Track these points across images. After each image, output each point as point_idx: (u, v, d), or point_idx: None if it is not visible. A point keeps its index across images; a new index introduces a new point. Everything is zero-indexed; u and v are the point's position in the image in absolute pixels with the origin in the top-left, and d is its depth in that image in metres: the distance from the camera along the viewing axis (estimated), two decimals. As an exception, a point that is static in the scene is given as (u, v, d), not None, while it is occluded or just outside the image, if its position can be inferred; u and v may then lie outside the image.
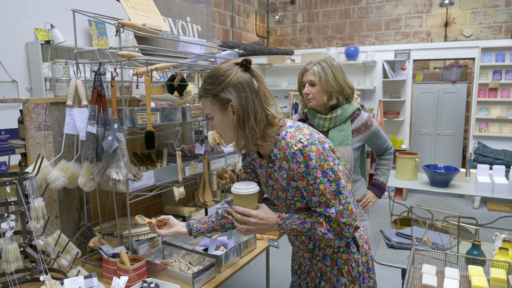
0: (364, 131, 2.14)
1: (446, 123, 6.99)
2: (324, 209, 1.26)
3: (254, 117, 1.25)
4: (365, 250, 1.46)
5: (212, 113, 1.32)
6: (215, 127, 1.34)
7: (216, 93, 1.26)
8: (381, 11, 7.21)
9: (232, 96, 1.25)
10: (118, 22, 1.65)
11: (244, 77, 1.26)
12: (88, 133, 1.68)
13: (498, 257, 1.91)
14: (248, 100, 1.25)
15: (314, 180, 1.23)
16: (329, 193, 1.24)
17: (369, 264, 1.48)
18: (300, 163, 1.23)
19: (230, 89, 1.25)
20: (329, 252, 1.41)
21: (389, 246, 2.31)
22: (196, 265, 1.81)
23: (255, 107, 1.26)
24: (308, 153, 1.21)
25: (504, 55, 5.73)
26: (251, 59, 1.29)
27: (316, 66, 2.04)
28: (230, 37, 6.85)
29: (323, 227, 1.27)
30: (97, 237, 1.77)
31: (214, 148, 2.44)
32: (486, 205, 5.69)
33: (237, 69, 1.27)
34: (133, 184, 1.74)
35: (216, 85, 1.26)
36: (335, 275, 1.42)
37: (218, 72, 1.27)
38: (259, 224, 1.32)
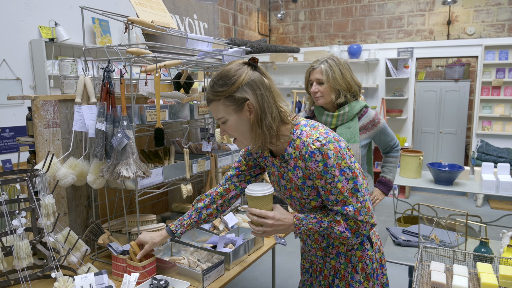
0: (372, 128, 2.15)
1: (448, 121, 6.98)
2: (341, 207, 1.25)
3: (271, 114, 1.24)
4: (378, 247, 1.47)
5: (225, 116, 1.27)
6: (229, 131, 1.30)
7: (231, 94, 1.23)
8: (384, 9, 7.20)
9: (248, 94, 1.23)
10: (128, 19, 1.64)
11: (255, 75, 1.25)
12: (97, 130, 1.68)
13: (506, 254, 1.91)
14: (264, 97, 1.24)
15: (332, 179, 1.22)
16: (347, 191, 1.23)
17: (382, 260, 1.48)
18: (318, 162, 1.22)
19: (245, 88, 1.23)
20: (343, 249, 1.40)
21: (396, 243, 2.31)
22: (205, 262, 1.80)
23: (270, 104, 1.25)
24: (327, 152, 1.20)
25: (507, 53, 5.72)
26: (257, 58, 1.28)
27: (323, 64, 2.03)
28: (233, 35, 6.84)
29: (340, 226, 1.26)
30: (106, 234, 1.77)
31: (221, 146, 2.44)
32: (489, 203, 5.69)
33: (246, 68, 1.25)
34: (141, 181, 1.74)
35: (230, 85, 1.23)
36: (350, 273, 1.41)
37: (229, 73, 1.24)
38: (275, 225, 1.30)
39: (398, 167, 2.35)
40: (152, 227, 1.83)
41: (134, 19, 1.65)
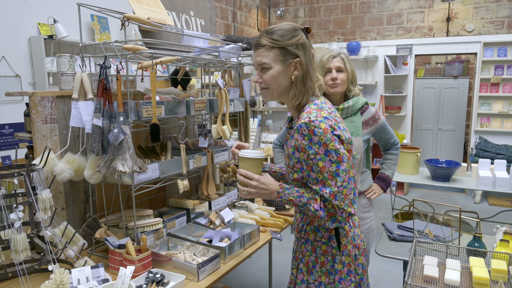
0: (373, 124, 2.22)
1: (447, 118, 7.00)
2: (319, 188, 1.30)
3: (311, 79, 1.36)
4: (348, 251, 1.43)
5: (271, 63, 1.35)
6: (267, 79, 1.36)
7: (285, 46, 1.32)
8: (383, 6, 7.20)
9: (300, 53, 1.33)
10: (124, 16, 1.66)
11: (307, 41, 1.36)
12: (94, 126, 1.70)
13: (499, 249, 1.93)
14: (310, 61, 1.35)
15: (315, 156, 1.28)
16: (327, 173, 1.28)
17: (351, 266, 1.44)
18: (304, 136, 1.29)
19: (299, 46, 1.33)
20: (311, 237, 1.45)
21: (390, 238, 2.33)
22: (201, 257, 1.83)
23: (313, 69, 1.37)
24: (313, 128, 1.27)
25: (506, 50, 5.73)
26: (310, 28, 1.38)
27: (341, 55, 2.14)
28: (232, 32, 6.85)
29: (316, 204, 1.30)
30: (103, 229, 1.80)
31: (218, 142, 2.46)
32: (487, 200, 5.71)
33: (301, 32, 1.35)
34: (138, 176, 1.76)
35: (288, 39, 1.32)
36: (312, 261, 1.46)
37: (288, 28, 1.34)
38: (259, 188, 1.38)
39: (397, 164, 2.37)
40: (149, 222, 1.86)
41: (130, 16, 1.67)
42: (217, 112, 2.21)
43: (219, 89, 2.11)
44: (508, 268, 1.71)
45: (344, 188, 1.29)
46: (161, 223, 1.91)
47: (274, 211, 2.52)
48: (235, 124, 2.58)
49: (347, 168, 1.30)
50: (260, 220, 2.32)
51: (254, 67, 1.41)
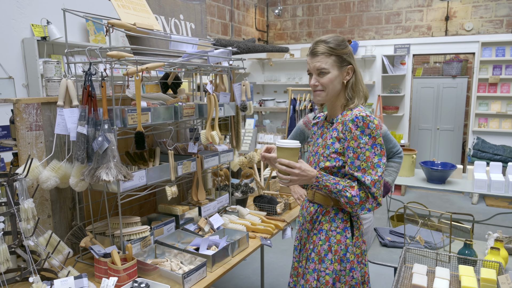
0: None
1: (446, 118, 6.96)
2: (361, 175, 1.47)
3: (361, 83, 1.57)
4: (359, 243, 1.59)
5: (329, 69, 1.53)
6: (325, 82, 1.54)
7: (341, 54, 1.52)
8: (382, 4, 7.15)
9: (352, 60, 1.55)
10: (108, 22, 1.64)
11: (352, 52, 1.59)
12: (79, 133, 1.68)
13: (489, 257, 1.91)
14: (357, 69, 1.57)
15: (364, 145, 1.46)
16: (371, 163, 1.46)
17: (360, 258, 1.59)
18: (358, 127, 1.47)
19: (350, 55, 1.55)
20: (326, 227, 1.59)
21: (382, 244, 2.32)
22: (188, 265, 1.81)
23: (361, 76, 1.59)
24: (368, 122, 1.46)
25: (504, 49, 5.69)
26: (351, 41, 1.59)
27: None
28: (229, 32, 6.82)
29: (354, 190, 1.47)
30: (88, 237, 1.78)
31: (208, 147, 2.44)
32: (484, 201, 5.68)
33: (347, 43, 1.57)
34: (124, 184, 1.74)
35: (343, 48, 1.53)
36: (325, 250, 1.58)
37: (341, 39, 1.55)
38: (301, 175, 1.49)
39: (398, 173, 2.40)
40: (135, 230, 1.84)
41: (114, 23, 1.64)
42: (206, 117, 2.19)
43: (208, 94, 2.09)
44: (497, 278, 1.70)
45: (382, 179, 1.47)
46: (148, 231, 1.89)
47: (265, 216, 2.50)
48: (226, 129, 2.56)
49: (385, 163, 1.49)
50: (251, 225, 2.31)
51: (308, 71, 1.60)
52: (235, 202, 2.64)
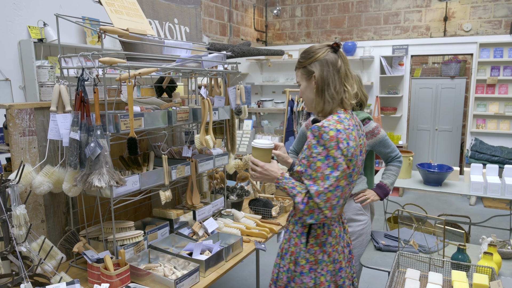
0: (370, 138, 2.31)
1: (444, 118, 6.96)
2: (309, 184, 1.48)
3: (334, 89, 1.53)
4: (313, 251, 1.59)
5: (300, 81, 1.62)
6: (300, 93, 1.64)
7: (306, 66, 1.56)
8: (380, 5, 7.15)
9: (316, 69, 1.53)
10: (100, 28, 1.64)
11: (330, 56, 1.53)
12: (71, 139, 1.69)
13: (482, 262, 1.91)
14: (329, 74, 1.52)
15: (317, 155, 1.46)
16: (321, 173, 1.45)
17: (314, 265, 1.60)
18: (314, 136, 1.47)
19: (316, 64, 1.53)
20: (290, 228, 1.67)
21: (376, 248, 2.32)
22: (181, 270, 1.82)
23: (334, 81, 1.53)
24: (322, 133, 1.45)
25: (502, 50, 5.68)
26: (341, 43, 1.55)
27: None
28: (228, 32, 6.81)
29: (300, 197, 1.50)
30: (81, 242, 1.78)
31: (203, 150, 2.44)
32: (482, 202, 5.69)
33: (326, 49, 1.55)
34: (117, 189, 1.75)
35: (307, 59, 1.56)
36: (285, 249, 1.67)
37: (311, 50, 1.57)
38: (263, 174, 1.62)
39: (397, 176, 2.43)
40: (129, 235, 1.84)
41: (106, 28, 1.64)
42: (201, 121, 2.19)
43: (202, 98, 2.09)
44: (489, 284, 1.70)
45: (329, 192, 1.45)
46: (141, 236, 1.89)
47: (260, 220, 2.50)
48: (222, 132, 2.56)
49: (339, 177, 1.45)
50: (245, 229, 2.31)
51: None
52: (230, 205, 2.64)
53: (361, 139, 1.59)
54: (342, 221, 1.70)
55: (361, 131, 1.63)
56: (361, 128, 1.62)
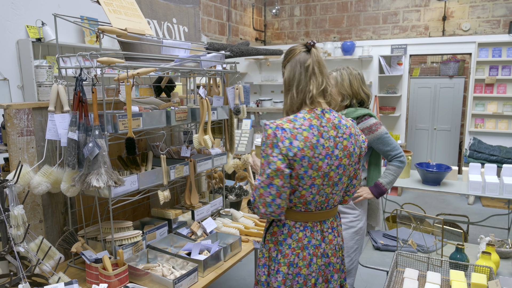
0: (368, 134, 2.29)
1: (442, 118, 6.97)
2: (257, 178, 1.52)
3: (297, 87, 1.52)
4: (268, 247, 1.61)
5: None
6: None
7: (283, 66, 1.60)
8: (379, 4, 7.15)
9: (286, 69, 1.56)
10: (98, 28, 1.64)
11: (301, 56, 1.52)
12: (69, 139, 1.68)
13: (480, 261, 1.92)
14: (297, 73, 1.52)
15: (261, 152, 1.49)
16: (262, 169, 1.48)
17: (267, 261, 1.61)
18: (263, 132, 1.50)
19: (287, 65, 1.56)
20: None
21: (375, 248, 2.32)
22: (180, 270, 1.82)
23: (300, 79, 1.51)
24: (264, 131, 1.48)
25: (500, 50, 5.69)
26: (315, 42, 1.55)
27: (335, 72, 2.37)
28: (227, 31, 6.81)
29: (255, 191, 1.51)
30: (79, 242, 1.78)
31: (201, 150, 2.44)
32: (481, 201, 5.70)
33: (300, 49, 1.54)
34: (116, 189, 1.74)
35: (284, 59, 1.59)
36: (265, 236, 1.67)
37: (288, 51, 1.59)
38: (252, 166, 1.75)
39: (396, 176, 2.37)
40: (127, 235, 1.84)
41: (105, 28, 1.64)
42: (199, 121, 2.19)
43: (200, 98, 2.09)
44: (488, 283, 1.70)
45: (261, 188, 1.46)
46: (139, 236, 1.89)
47: (258, 219, 2.50)
48: (220, 132, 2.56)
49: (271, 175, 1.43)
50: (244, 229, 2.31)
51: None
52: (229, 205, 2.64)
53: (337, 140, 1.50)
54: (323, 231, 1.58)
55: (341, 132, 1.52)
56: (340, 130, 1.51)
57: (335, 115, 1.55)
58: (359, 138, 1.60)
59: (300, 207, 1.53)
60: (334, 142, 1.49)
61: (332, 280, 1.61)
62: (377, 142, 2.31)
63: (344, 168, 1.54)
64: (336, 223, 1.65)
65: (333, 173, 1.50)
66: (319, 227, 1.57)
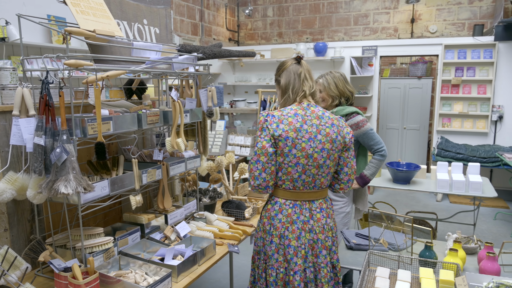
0: (355, 129, 2.61)
1: (412, 117, 7.17)
2: None
3: (292, 90, 1.85)
4: (263, 222, 1.88)
5: (277, 91, 1.98)
6: (278, 100, 1.96)
7: (276, 77, 1.95)
8: (350, 6, 7.28)
9: (281, 78, 1.90)
10: (65, 30, 1.59)
11: (293, 67, 1.88)
12: (36, 144, 1.62)
13: (448, 258, 1.98)
14: (293, 79, 1.86)
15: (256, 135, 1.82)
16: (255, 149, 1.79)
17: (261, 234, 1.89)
18: None
19: (282, 74, 1.89)
20: None
21: (347, 247, 2.36)
22: (153, 276, 1.79)
23: (295, 84, 1.85)
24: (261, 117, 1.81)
25: (465, 52, 5.90)
26: (302, 56, 1.92)
27: (321, 79, 2.69)
28: (199, 32, 6.75)
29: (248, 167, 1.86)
30: (47, 251, 1.72)
31: (174, 153, 2.41)
32: (448, 198, 5.89)
33: (291, 61, 1.90)
34: (85, 195, 1.70)
35: (276, 72, 1.95)
36: None
37: (281, 64, 1.93)
38: None
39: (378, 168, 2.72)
40: (98, 242, 1.80)
41: (72, 30, 1.59)
42: (172, 124, 2.16)
43: (173, 101, 2.06)
44: (455, 280, 1.76)
45: (251, 164, 1.79)
46: (111, 242, 1.85)
47: (233, 222, 2.50)
48: (193, 134, 2.54)
49: (258, 152, 1.76)
50: (218, 232, 2.30)
51: None
52: (203, 208, 2.62)
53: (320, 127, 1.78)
54: (312, 209, 1.83)
55: (323, 122, 1.79)
56: (323, 120, 1.80)
57: (319, 109, 1.84)
58: (343, 130, 1.83)
59: (288, 184, 1.79)
60: (317, 129, 1.76)
61: (321, 255, 1.82)
62: (363, 137, 2.63)
63: (328, 152, 1.77)
64: (326, 205, 1.88)
65: (317, 155, 1.75)
66: (308, 205, 1.82)
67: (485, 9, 6.46)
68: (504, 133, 5.84)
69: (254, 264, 1.95)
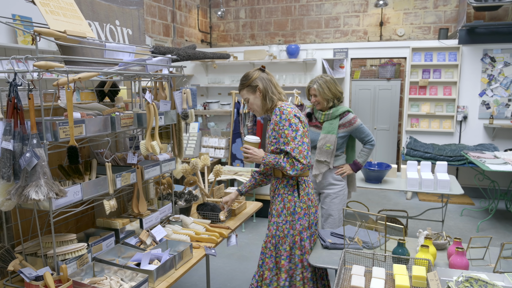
0: (348, 126, 2.98)
1: (382, 118, 7.36)
2: (285, 147, 2.14)
3: (272, 93, 2.21)
4: (305, 200, 2.26)
5: (248, 96, 2.27)
6: (251, 105, 2.28)
7: (249, 84, 2.23)
8: (321, 9, 7.40)
9: (258, 83, 2.21)
10: (34, 31, 1.53)
11: (262, 74, 2.24)
12: (4, 149, 1.56)
13: (420, 254, 2.04)
14: (267, 83, 2.22)
15: (283, 126, 2.14)
16: (290, 137, 2.12)
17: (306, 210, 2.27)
18: (277, 115, 2.17)
19: (256, 80, 2.21)
20: (281, 192, 2.27)
21: (323, 247, 2.39)
22: (129, 282, 1.75)
23: (271, 88, 2.22)
24: (283, 110, 2.15)
25: (432, 55, 6.11)
26: (265, 66, 2.28)
27: (315, 84, 2.94)
28: (171, 33, 6.68)
29: (281, 159, 2.16)
30: (17, 260, 1.66)
31: (149, 156, 2.38)
32: (417, 196, 6.08)
33: (258, 71, 2.25)
34: (57, 201, 1.64)
35: (248, 79, 2.24)
36: (281, 207, 2.28)
37: (248, 74, 2.26)
38: (253, 155, 2.26)
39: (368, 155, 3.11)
40: (70, 249, 1.75)
41: (41, 31, 1.54)
42: (146, 126, 2.13)
43: (147, 103, 2.03)
44: (427, 275, 1.82)
45: (300, 146, 2.11)
46: (84, 249, 1.80)
47: (209, 224, 2.48)
48: (168, 137, 2.51)
49: (301, 135, 2.13)
50: (195, 235, 2.28)
51: None
52: (178, 211, 2.59)
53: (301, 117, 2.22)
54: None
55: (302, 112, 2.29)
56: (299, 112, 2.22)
57: None
58: None
59: None
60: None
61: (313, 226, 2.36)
62: (355, 131, 3.01)
63: None
64: None
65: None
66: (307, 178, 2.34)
67: (449, 13, 6.72)
68: (468, 132, 6.09)
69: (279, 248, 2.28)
